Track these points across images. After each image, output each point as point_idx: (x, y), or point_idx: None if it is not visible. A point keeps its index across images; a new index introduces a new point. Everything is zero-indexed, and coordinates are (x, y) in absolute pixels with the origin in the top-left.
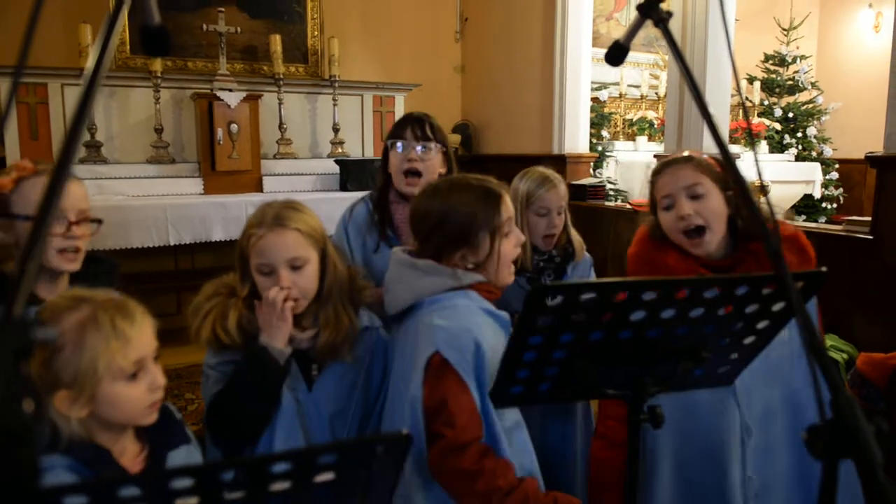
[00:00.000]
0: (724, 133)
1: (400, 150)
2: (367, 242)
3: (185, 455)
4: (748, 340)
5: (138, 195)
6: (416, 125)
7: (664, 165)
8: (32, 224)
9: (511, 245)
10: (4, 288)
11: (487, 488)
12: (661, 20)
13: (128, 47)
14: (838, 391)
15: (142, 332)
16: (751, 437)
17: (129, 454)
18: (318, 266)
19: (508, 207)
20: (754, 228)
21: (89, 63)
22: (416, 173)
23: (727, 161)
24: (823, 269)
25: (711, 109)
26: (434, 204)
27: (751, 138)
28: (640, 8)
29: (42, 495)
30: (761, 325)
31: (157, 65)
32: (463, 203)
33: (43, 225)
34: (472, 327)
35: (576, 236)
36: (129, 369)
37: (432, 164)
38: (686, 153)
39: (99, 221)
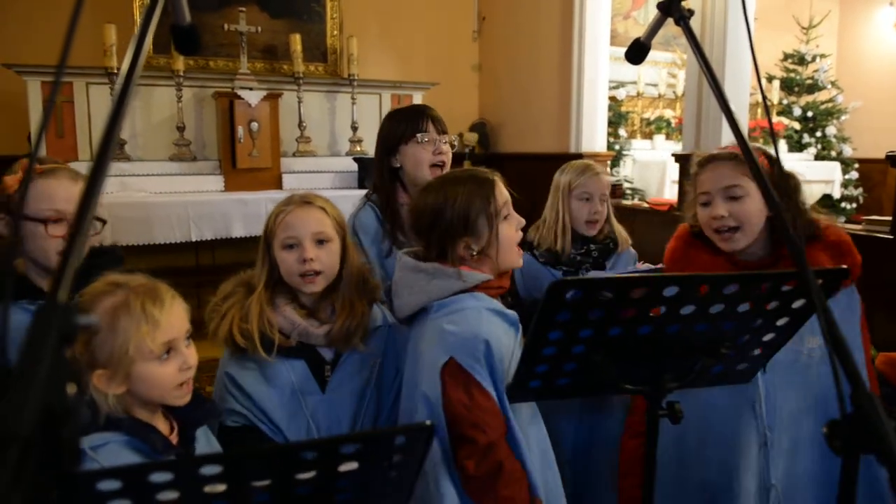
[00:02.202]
0: (744, 130)
1: (424, 142)
2: (381, 249)
3: (204, 434)
4: (768, 337)
5: (161, 192)
6: (434, 120)
7: (707, 161)
8: (75, 218)
9: (512, 228)
10: (16, 285)
11: (509, 494)
12: (683, 18)
13: (151, 47)
14: (859, 386)
15: (171, 316)
16: (771, 445)
17: (164, 431)
18: (340, 251)
19: (503, 192)
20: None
21: (124, 66)
22: (442, 165)
23: (748, 158)
24: (844, 266)
25: (731, 107)
26: (430, 199)
27: (773, 137)
28: (661, 6)
29: (82, 477)
30: (781, 321)
31: (180, 64)
32: (458, 192)
33: (84, 219)
34: (481, 330)
35: (620, 230)
36: (158, 351)
37: (450, 156)
38: (730, 148)
39: (103, 221)
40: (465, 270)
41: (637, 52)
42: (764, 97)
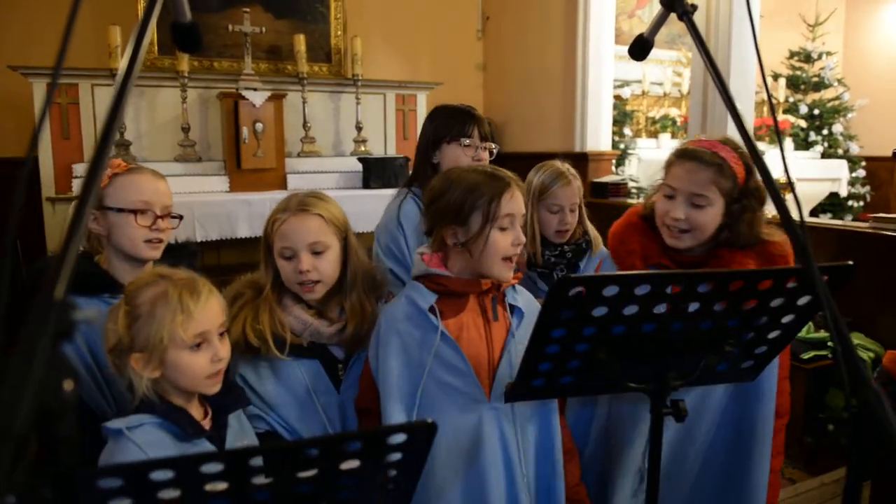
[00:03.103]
0: (750, 128)
1: (465, 146)
2: (424, 240)
3: (237, 419)
4: (773, 335)
5: None
6: (480, 126)
7: (687, 157)
8: (72, 216)
9: (506, 240)
10: (96, 277)
11: None
12: (686, 13)
13: (156, 48)
14: (865, 383)
15: (206, 309)
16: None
17: (198, 416)
18: (340, 254)
19: (514, 204)
20: (736, 239)
21: (122, 64)
22: None
23: (755, 157)
24: (850, 262)
25: (736, 105)
26: (440, 181)
27: (778, 135)
28: (664, 1)
29: (81, 475)
30: (786, 319)
31: (185, 65)
32: (465, 180)
33: (81, 216)
34: (384, 311)
35: (592, 231)
36: (189, 341)
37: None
38: (707, 144)
39: (180, 217)
40: (429, 262)
41: (640, 49)
42: (769, 95)
